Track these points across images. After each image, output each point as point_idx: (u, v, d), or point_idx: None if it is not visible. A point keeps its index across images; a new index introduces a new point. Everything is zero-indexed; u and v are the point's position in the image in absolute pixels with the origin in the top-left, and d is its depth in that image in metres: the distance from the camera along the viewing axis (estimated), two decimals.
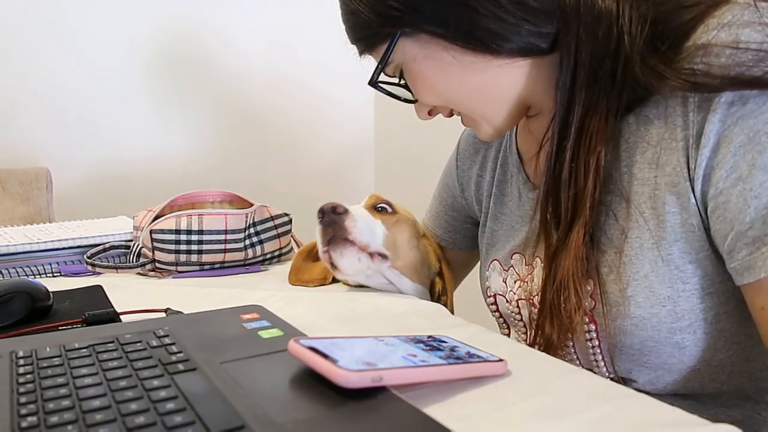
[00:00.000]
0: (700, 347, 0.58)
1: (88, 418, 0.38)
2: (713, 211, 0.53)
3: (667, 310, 0.57)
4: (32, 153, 1.79)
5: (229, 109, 2.10)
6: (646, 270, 0.57)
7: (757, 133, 0.50)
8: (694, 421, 0.41)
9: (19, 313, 0.66)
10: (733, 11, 0.52)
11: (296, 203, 1.30)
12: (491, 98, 0.63)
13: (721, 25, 0.51)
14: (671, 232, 0.56)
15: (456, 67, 0.60)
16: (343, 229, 0.74)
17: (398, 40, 0.60)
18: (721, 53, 0.51)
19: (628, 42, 0.55)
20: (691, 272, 0.56)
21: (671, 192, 0.55)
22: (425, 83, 0.63)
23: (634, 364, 0.62)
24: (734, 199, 0.51)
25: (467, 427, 0.40)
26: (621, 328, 0.59)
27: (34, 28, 1.77)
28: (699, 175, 0.53)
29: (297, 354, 0.45)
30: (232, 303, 0.67)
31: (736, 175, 0.51)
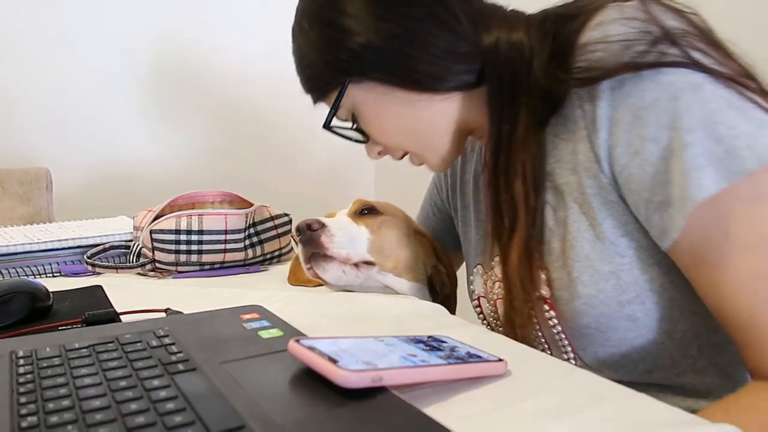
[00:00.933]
0: (653, 318, 0.61)
1: (88, 418, 0.38)
2: (623, 186, 0.59)
3: (611, 285, 0.61)
4: (32, 153, 1.79)
5: (229, 109, 2.10)
6: (586, 250, 0.62)
7: (639, 110, 0.57)
8: (694, 421, 0.41)
9: (19, 313, 0.66)
10: (604, 14, 0.60)
11: (296, 203, 1.30)
12: (437, 131, 0.70)
13: (595, 25, 0.60)
14: (598, 212, 0.61)
15: (403, 107, 0.67)
16: (320, 245, 0.75)
17: (347, 87, 0.67)
18: (595, 48, 0.59)
19: (537, 61, 0.63)
20: (626, 245, 0.61)
21: (588, 176, 0.62)
22: (377, 124, 0.70)
23: (598, 346, 0.64)
24: (635, 171, 0.57)
25: (467, 427, 0.40)
26: (575, 310, 0.63)
27: (34, 28, 1.77)
28: (603, 156, 0.60)
29: (297, 354, 0.45)
30: (232, 303, 0.67)
31: (631, 149, 0.57)
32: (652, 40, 0.56)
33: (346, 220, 0.80)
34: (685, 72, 0.55)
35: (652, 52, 0.56)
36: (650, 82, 0.56)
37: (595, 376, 0.50)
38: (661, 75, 0.56)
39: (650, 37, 0.56)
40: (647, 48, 0.56)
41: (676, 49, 0.56)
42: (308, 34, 0.68)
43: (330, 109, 0.70)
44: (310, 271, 0.77)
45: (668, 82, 0.55)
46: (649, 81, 0.56)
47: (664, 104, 0.55)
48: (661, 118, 0.55)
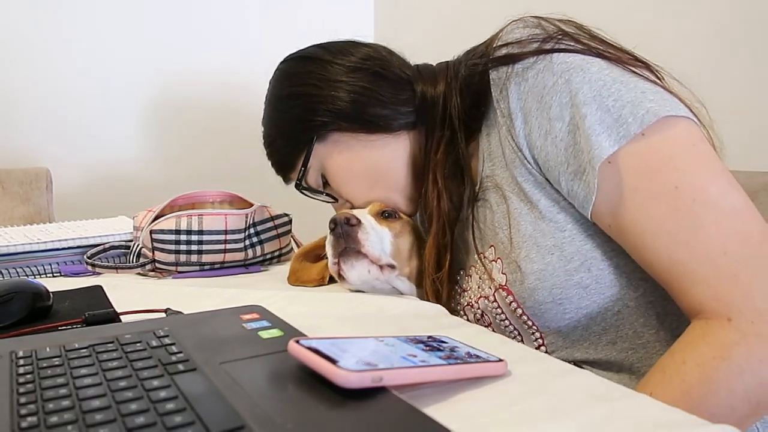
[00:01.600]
0: (602, 284, 0.66)
1: (88, 418, 0.38)
2: (544, 167, 0.66)
3: (556, 256, 0.67)
4: (32, 153, 1.79)
5: (230, 109, 2.10)
6: (530, 231, 0.68)
7: (542, 96, 0.65)
8: (694, 421, 0.41)
9: (19, 313, 0.66)
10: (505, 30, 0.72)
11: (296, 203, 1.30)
12: (396, 167, 0.81)
13: (497, 37, 0.72)
14: (532, 195, 0.68)
15: (364, 149, 0.80)
16: (356, 241, 0.74)
17: (314, 145, 0.81)
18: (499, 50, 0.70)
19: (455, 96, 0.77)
20: (564, 220, 0.67)
21: (515, 166, 0.69)
22: (346, 172, 0.82)
23: (559, 320, 0.68)
24: (550, 150, 0.65)
25: (467, 427, 0.40)
26: (529, 288, 0.68)
27: (34, 28, 1.77)
28: (523, 144, 0.67)
29: (297, 354, 0.45)
30: (232, 303, 0.67)
31: (543, 131, 0.65)
32: (547, 36, 0.68)
33: (373, 220, 0.79)
34: (574, 56, 0.65)
35: (545, 45, 0.67)
36: (546, 72, 0.65)
37: (595, 376, 0.50)
38: (553, 63, 0.65)
39: (542, 35, 0.68)
40: (541, 43, 0.67)
41: (569, 39, 0.67)
42: (271, 112, 0.86)
43: (300, 167, 0.83)
44: (336, 266, 0.76)
45: (561, 69, 0.65)
46: (546, 71, 0.65)
47: (561, 87, 0.64)
48: (561, 98, 0.64)
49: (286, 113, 0.83)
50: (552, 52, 0.66)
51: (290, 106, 0.82)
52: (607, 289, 0.67)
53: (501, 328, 0.75)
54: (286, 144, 0.84)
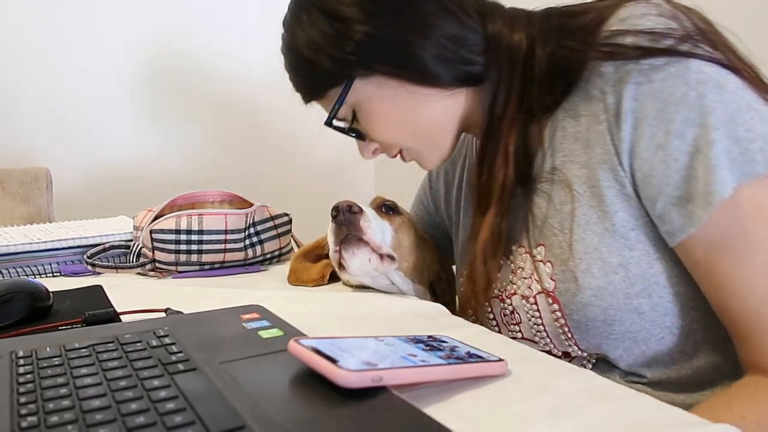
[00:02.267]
0: (658, 312, 0.62)
1: (88, 418, 0.38)
2: (641, 180, 0.59)
3: (620, 277, 0.62)
4: (32, 153, 1.79)
5: (229, 109, 2.10)
6: (595, 243, 0.63)
7: (666, 105, 0.57)
8: (694, 421, 0.41)
9: (19, 313, 0.66)
10: (628, 9, 0.61)
11: (296, 203, 1.30)
12: (441, 127, 0.71)
13: (619, 20, 0.61)
14: (610, 205, 0.62)
15: (411, 102, 0.67)
16: (358, 228, 0.73)
17: (353, 83, 0.66)
18: (626, 36, 0.59)
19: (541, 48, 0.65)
20: (635, 239, 0.61)
21: (603, 168, 0.62)
22: (381, 120, 0.70)
23: (602, 338, 0.65)
24: (657, 166, 0.58)
25: (467, 427, 0.40)
26: (582, 302, 0.63)
27: (34, 28, 1.77)
28: (624, 149, 0.60)
29: (297, 354, 0.45)
30: (232, 303, 0.67)
31: (655, 143, 0.58)
32: (682, 35, 0.57)
33: (373, 211, 0.79)
34: (712, 67, 0.57)
35: (681, 46, 0.57)
36: (678, 79, 0.57)
37: (596, 376, 0.50)
38: (689, 71, 0.56)
39: (680, 33, 0.58)
40: (677, 41, 0.57)
41: (705, 44, 0.57)
42: (309, 26, 0.66)
43: (333, 105, 0.68)
44: (337, 254, 0.75)
45: (696, 80, 0.56)
46: (677, 77, 0.57)
47: (692, 101, 0.56)
48: (689, 113, 0.56)
49: (327, 36, 0.65)
50: (689, 56, 0.57)
51: (334, 29, 0.64)
52: (660, 317, 0.62)
53: (532, 332, 0.70)
54: (319, 73, 0.68)
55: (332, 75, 0.67)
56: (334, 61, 0.65)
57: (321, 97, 0.71)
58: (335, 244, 0.74)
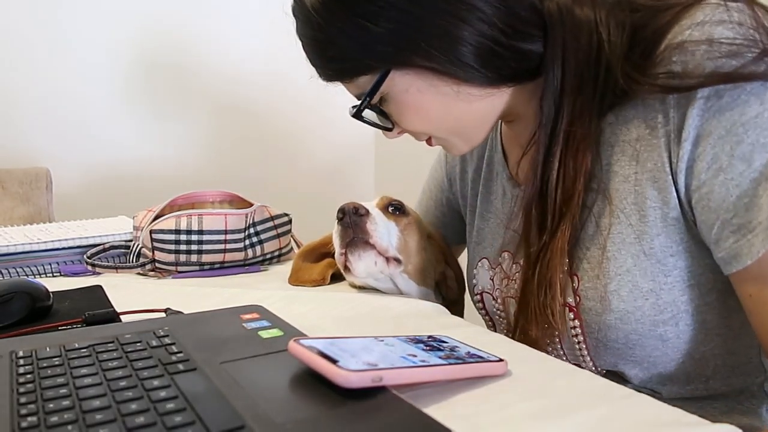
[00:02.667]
0: (682, 339, 0.60)
1: (88, 418, 0.38)
2: (698, 203, 0.55)
3: (650, 303, 0.59)
4: (32, 153, 1.79)
5: (229, 109, 2.10)
6: (628, 264, 0.59)
7: (734, 125, 0.52)
8: (694, 421, 0.41)
9: (19, 313, 0.66)
10: (705, 11, 0.54)
11: (296, 203, 1.30)
12: (480, 121, 0.65)
13: (695, 24, 0.54)
14: (653, 226, 0.58)
15: (452, 98, 0.60)
16: (364, 231, 0.72)
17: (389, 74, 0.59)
18: (696, 50, 0.53)
19: (609, 49, 0.57)
20: (672, 265, 0.58)
21: (653, 187, 0.57)
22: (416, 113, 0.63)
23: (619, 359, 0.63)
24: (717, 189, 0.53)
25: (467, 427, 0.40)
26: (606, 323, 0.61)
27: (34, 28, 1.77)
28: (681, 169, 0.55)
29: (297, 354, 0.45)
30: (232, 303, 0.67)
31: (716, 166, 0.53)
32: (761, 51, 0.51)
33: (380, 212, 0.77)
34: None
35: (758, 66, 0.51)
36: (753, 97, 0.52)
37: (596, 376, 0.50)
38: (766, 90, 0.52)
39: (758, 48, 0.52)
40: (754, 60, 0.51)
41: None
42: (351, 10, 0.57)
43: (363, 96, 0.62)
44: (342, 257, 0.74)
45: None
46: (752, 95, 0.52)
47: (765, 122, 0.51)
48: (760, 137, 0.51)
49: (364, 22, 0.56)
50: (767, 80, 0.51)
51: (373, 14, 0.56)
52: (684, 344, 0.60)
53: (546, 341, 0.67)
54: (350, 60, 0.60)
55: (364, 65, 0.60)
56: (368, 52, 0.58)
57: (344, 80, 0.64)
58: (341, 246, 0.74)
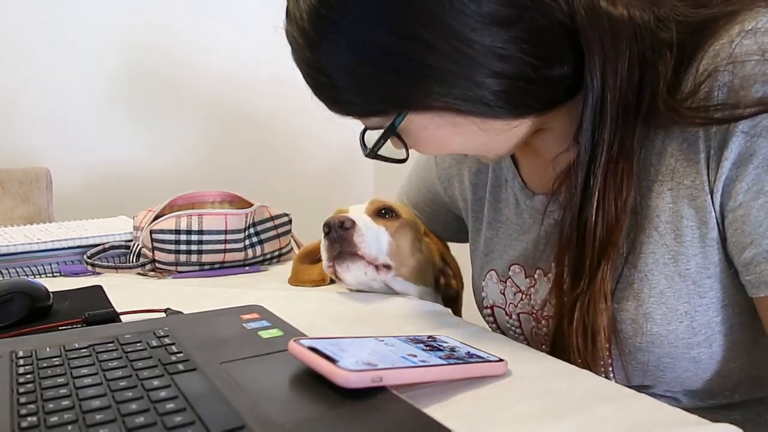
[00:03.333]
0: (715, 360, 0.58)
1: (88, 418, 0.38)
2: (731, 224, 0.52)
3: (684, 326, 0.56)
4: (32, 153, 1.79)
5: (229, 109, 2.10)
6: (662, 286, 0.56)
7: None
8: (694, 421, 0.41)
9: (19, 313, 0.66)
10: (756, 18, 0.50)
11: (296, 203, 1.30)
12: (506, 144, 0.60)
13: (745, 31, 0.50)
14: (690, 247, 0.55)
15: (478, 133, 0.56)
16: (351, 244, 0.73)
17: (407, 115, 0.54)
18: (746, 62, 0.49)
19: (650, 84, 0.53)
20: (708, 286, 0.55)
21: (690, 206, 0.54)
22: (436, 146, 0.60)
23: (648, 379, 0.61)
24: (755, 213, 0.51)
25: (467, 427, 0.40)
26: (637, 346, 0.58)
27: (34, 28, 1.77)
28: (719, 187, 0.52)
29: (297, 354, 0.45)
30: (232, 303, 0.67)
31: (757, 188, 0.50)
32: None
33: (368, 219, 0.78)
34: None
35: None
36: None
37: (595, 376, 0.50)
38: None
39: None
40: None
41: None
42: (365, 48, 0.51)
43: (379, 138, 0.57)
44: (331, 269, 0.75)
45: None
46: None
47: None
48: None
49: (375, 70, 0.51)
50: None
51: (383, 63, 0.51)
52: (716, 364, 0.58)
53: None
54: (361, 104, 0.55)
55: (377, 109, 0.55)
56: (381, 100, 0.54)
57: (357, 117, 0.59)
58: (329, 260, 0.75)
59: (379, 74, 0.52)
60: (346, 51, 0.51)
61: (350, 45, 0.51)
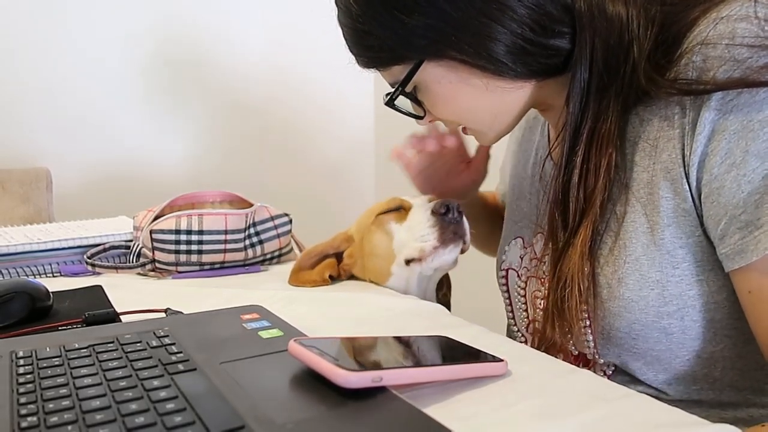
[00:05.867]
0: (687, 335, 0.60)
1: (88, 418, 0.38)
2: (707, 197, 0.55)
3: (655, 293, 0.59)
4: (32, 153, 1.79)
5: (229, 109, 2.10)
6: (638, 253, 0.60)
7: (751, 121, 0.52)
8: (694, 421, 0.41)
9: (19, 313, 0.66)
10: (732, 6, 0.54)
11: (296, 203, 1.30)
12: (508, 113, 0.66)
13: (720, 18, 0.54)
14: (664, 217, 0.58)
15: (482, 90, 0.62)
16: (462, 230, 0.77)
17: (422, 65, 0.61)
18: (717, 45, 0.53)
19: (637, 48, 0.58)
20: (682, 257, 0.58)
21: (665, 178, 0.58)
22: (448, 103, 0.66)
23: (623, 350, 0.63)
24: (728, 185, 0.54)
25: (467, 427, 0.40)
26: (610, 310, 0.61)
27: (34, 28, 1.77)
28: (694, 162, 0.55)
29: (297, 354, 0.45)
30: (232, 303, 0.67)
31: (730, 161, 0.53)
32: None
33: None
34: None
35: None
36: None
37: (595, 376, 0.50)
38: None
39: None
40: None
41: None
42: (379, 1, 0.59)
43: (396, 85, 0.64)
44: (436, 249, 0.77)
45: None
46: None
47: None
48: None
49: (401, 15, 0.59)
50: None
51: (410, 8, 0.58)
52: (689, 341, 0.60)
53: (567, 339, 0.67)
54: (386, 50, 0.62)
55: (399, 55, 0.62)
56: (401, 41, 0.60)
57: (378, 68, 0.66)
58: (439, 240, 0.76)
59: (405, 19, 0.58)
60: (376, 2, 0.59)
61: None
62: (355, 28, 0.63)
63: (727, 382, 0.62)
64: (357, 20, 0.61)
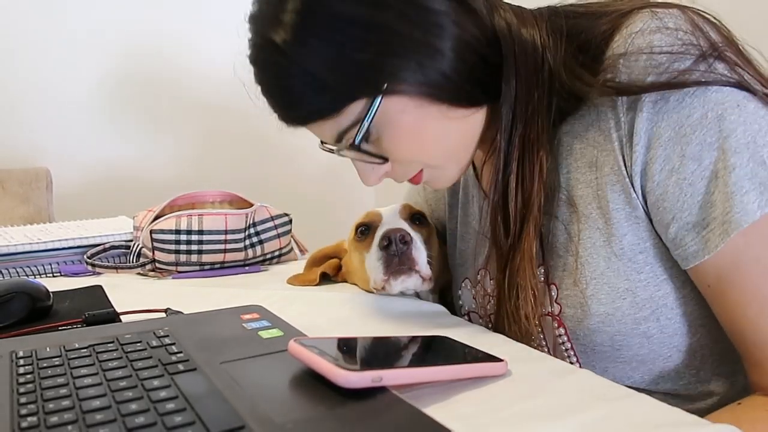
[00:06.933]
0: (666, 333, 0.61)
1: (88, 418, 0.38)
2: (653, 204, 0.57)
3: (627, 302, 0.60)
4: (32, 153, 1.79)
5: (230, 109, 2.10)
6: (602, 267, 0.61)
7: (682, 126, 0.54)
8: (694, 421, 0.41)
9: (19, 313, 0.66)
10: (643, 20, 0.57)
11: (296, 203, 1.30)
12: (466, 142, 0.65)
13: (634, 33, 0.57)
14: (618, 227, 0.59)
15: (442, 120, 0.60)
16: (410, 260, 0.71)
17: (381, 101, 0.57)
18: (638, 58, 0.55)
19: (551, 57, 0.61)
20: (643, 261, 0.60)
21: (612, 190, 0.59)
22: (410, 136, 0.61)
23: (609, 361, 0.63)
24: (671, 190, 0.55)
25: (467, 427, 0.40)
26: (589, 328, 0.62)
27: (34, 28, 1.78)
28: (636, 171, 0.57)
29: (297, 354, 0.45)
30: (232, 303, 0.67)
31: (669, 167, 0.55)
32: (699, 54, 0.54)
33: (411, 229, 0.75)
34: (730, 90, 0.54)
35: (697, 69, 0.54)
36: (696, 99, 0.54)
37: (595, 376, 0.50)
38: (708, 92, 0.54)
39: (697, 51, 0.54)
40: (694, 63, 0.54)
41: (722, 64, 0.54)
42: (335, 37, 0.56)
43: (359, 125, 0.58)
44: (385, 281, 0.72)
45: (715, 100, 0.54)
46: (695, 97, 0.54)
47: (710, 123, 0.53)
48: (707, 137, 0.53)
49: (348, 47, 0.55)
50: (707, 83, 0.54)
51: (359, 39, 0.55)
52: (669, 339, 0.61)
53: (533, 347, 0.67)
54: (336, 89, 0.57)
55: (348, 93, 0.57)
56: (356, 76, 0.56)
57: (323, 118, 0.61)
58: (384, 273, 0.72)
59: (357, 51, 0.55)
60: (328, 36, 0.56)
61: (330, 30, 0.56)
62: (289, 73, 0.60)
63: (710, 370, 0.63)
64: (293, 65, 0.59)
